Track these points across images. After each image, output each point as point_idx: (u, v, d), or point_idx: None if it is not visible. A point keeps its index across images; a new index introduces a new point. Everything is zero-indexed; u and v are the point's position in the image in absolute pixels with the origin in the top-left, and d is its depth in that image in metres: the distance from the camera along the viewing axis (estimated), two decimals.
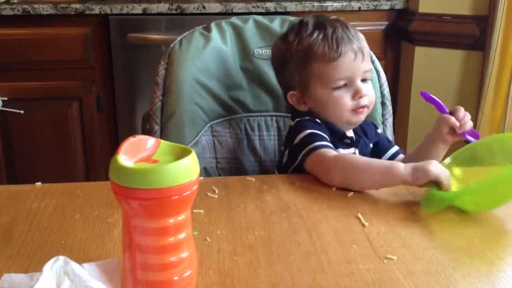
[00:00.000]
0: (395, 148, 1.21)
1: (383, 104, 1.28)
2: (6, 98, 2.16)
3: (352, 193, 0.93)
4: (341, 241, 0.78)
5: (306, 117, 1.12)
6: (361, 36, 1.15)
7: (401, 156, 1.19)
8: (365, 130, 1.20)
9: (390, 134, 1.28)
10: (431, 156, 1.07)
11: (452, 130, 1.09)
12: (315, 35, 1.11)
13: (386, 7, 2.28)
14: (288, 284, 0.68)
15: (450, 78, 2.18)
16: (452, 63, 2.16)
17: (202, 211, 0.86)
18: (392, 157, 1.19)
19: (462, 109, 1.08)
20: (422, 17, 2.18)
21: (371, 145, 1.19)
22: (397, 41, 2.35)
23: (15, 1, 2.28)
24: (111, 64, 2.20)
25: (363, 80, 1.11)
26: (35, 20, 2.12)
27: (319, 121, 1.12)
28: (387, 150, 1.20)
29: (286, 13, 2.17)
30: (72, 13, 2.10)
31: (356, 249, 0.76)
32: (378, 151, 1.19)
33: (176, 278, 0.63)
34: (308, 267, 0.72)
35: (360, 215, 0.85)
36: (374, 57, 1.29)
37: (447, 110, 1.10)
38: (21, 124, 2.20)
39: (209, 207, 0.88)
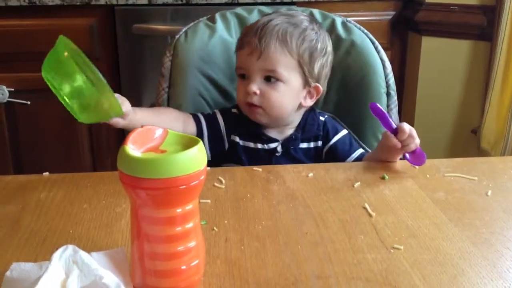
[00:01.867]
0: (359, 151, 1.17)
1: (388, 94, 1.27)
2: (12, 89, 2.16)
3: (359, 183, 0.93)
4: (348, 231, 0.78)
5: (236, 104, 1.18)
6: (294, 37, 1.09)
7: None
8: (304, 127, 1.17)
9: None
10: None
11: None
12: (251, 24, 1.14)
13: None
14: (295, 273, 0.68)
15: (457, 68, 2.17)
16: (459, 54, 2.15)
17: (209, 201, 0.86)
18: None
19: (406, 129, 1.00)
20: (429, 7, 2.17)
21: (311, 145, 1.16)
22: (404, 31, 2.34)
23: None
24: (117, 54, 2.20)
25: (267, 79, 1.09)
26: (41, 11, 2.12)
27: (236, 112, 1.16)
28: (348, 155, 1.16)
29: (293, 3, 2.16)
30: (78, 3, 2.10)
31: (363, 239, 0.76)
32: (336, 157, 1.15)
33: (183, 267, 0.63)
34: (315, 256, 0.72)
35: (367, 205, 0.85)
36: (379, 47, 1.29)
37: (394, 126, 1.02)
38: (28, 115, 2.21)
39: (216, 197, 0.88)
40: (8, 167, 2.27)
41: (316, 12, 1.33)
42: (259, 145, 1.14)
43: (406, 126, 1.01)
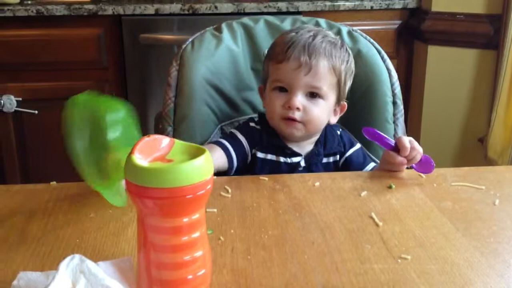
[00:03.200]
0: (371, 164, 1.17)
1: (394, 103, 1.27)
2: (20, 99, 2.18)
3: (365, 192, 0.93)
4: (355, 240, 0.78)
5: (250, 117, 1.20)
6: (337, 56, 1.10)
7: None
8: (326, 143, 1.16)
9: (401, 134, 1.28)
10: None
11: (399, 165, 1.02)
12: (284, 36, 1.13)
13: (399, 6, 2.27)
14: (302, 283, 0.68)
15: (463, 77, 2.17)
16: (466, 63, 2.15)
17: (215, 210, 0.86)
18: None
19: (407, 145, 0.99)
20: (435, 16, 2.17)
21: (330, 159, 1.16)
22: (410, 40, 2.34)
23: (29, 2, 2.30)
24: (124, 64, 2.21)
25: (311, 96, 1.09)
26: (49, 21, 2.14)
27: (255, 126, 1.16)
28: (362, 168, 1.16)
29: (298, 12, 2.17)
30: (85, 14, 2.12)
31: (370, 249, 0.76)
32: (350, 169, 1.15)
33: (190, 277, 0.63)
34: (321, 266, 0.71)
35: (373, 215, 0.85)
36: (385, 56, 1.29)
37: (393, 144, 1.02)
38: (35, 124, 2.22)
39: (223, 206, 0.88)
40: (15, 176, 2.28)
41: (323, 21, 1.33)
42: (282, 159, 1.13)
43: (405, 141, 1.00)
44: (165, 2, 2.24)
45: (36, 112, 2.19)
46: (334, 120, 1.16)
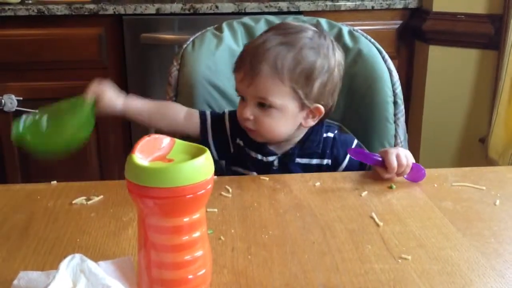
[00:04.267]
0: None
1: (395, 103, 1.27)
2: (21, 98, 2.18)
3: (366, 192, 0.93)
4: (356, 240, 0.78)
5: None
6: (287, 60, 1.01)
7: None
8: (304, 143, 1.12)
9: (402, 134, 1.28)
10: None
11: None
12: (249, 42, 1.12)
13: (400, 6, 2.27)
14: (302, 283, 0.68)
15: (464, 77, 2.16)
16: (467, 63, 2.15)
17: (216, 210, 0.86)
18: None
19: (393, 163, 0.97)
20: (436, 16, 2.17)
21: (313, 161, 1.12)
22: (411, 40, 2.34)
23: (30, 1, 2.30)
24: (125, 63, 2.21)
25: (263, 105, 1.04)
26: (50, 20, 2.14)
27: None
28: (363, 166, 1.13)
29: (299, 12, 2.17)
30: (86, 13, 2.12)
31: (370, 249, 0.76)
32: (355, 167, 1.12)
33: (190, 276, 0.63)
34: (322, 266, 0.71)
35: (374, 215, 0.85)
36: (386, 56, 1.29)
37: (379, 158, 0.99)
38: None
39: (223, 206, 0.88)
40: (16, 176, 2.28)
41: (323, 21, 1.33)
42: (259, 156, 1.12)
43: (391, 160, 0.97)
44: (166, 1, 2.24)
45: (37, 111, 2.19)
46: (310, 123, 1.09)
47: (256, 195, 0.92)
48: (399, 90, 1.28)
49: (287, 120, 1.06)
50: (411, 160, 1.00)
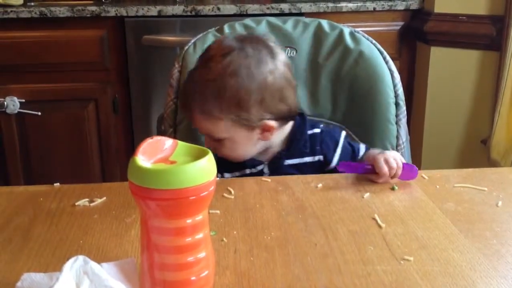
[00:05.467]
0: (362, 150, 1.15)
1: (396, 104, 1.27)
2: (23, 100, 2.18)
3: (368, 194, 0.93)
4: (358, 242, 0.78)
5: None
6: (213, 98, 0.99)
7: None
8: (293, 146, 1.11)
9: (404, 135, 1.28)
10: None
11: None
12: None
13: (401, 8, 2.27)
14: (305, 285, 0.68)
15: (466, 78, 2.17)
16: (468, 64, 2.15)
17: (218, 211, 0.87)
18: None
19: (384, 170, 0.96)
20: (437, 17, 2.17)
21: (306, 159, 1.11)
22: (413, 41, 2.34)
23: (32, 4, 2.30)
24: (127, 65, 2.22)
25: (217, 140, 1.04)
26: (52, 22, 2.14)
27: None
28: (355, 157, 1.14)
29: (301, 14, 2.17)
30: (88, 15, 2.12)
31: (373, 250, 0.76)
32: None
33: (193, 278, 0.63)
34: (324, 268, 0.72)
35: (376, 216, 0.85)
36: (388, 57, 1.29)
37: (369, 167, 0.99)
38: (38, 125, 2.23)
39: (226, 207, 0.88)
40: (18, 178, 2.29)
41: (325, 22, 1.33)
42: (247, 171, 1.11)
43: (382, 167, 0.96)
44: (168, 3, 2.25)
45: (39, 113, 2.19)
46: (269, 137, 1.07)
47: (258, 196, 0.92)
48: (400, 91, 1.28)
49: (243, 145, 1.06)
50: (400, 160, 0.99)
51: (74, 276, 0.61)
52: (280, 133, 1.11)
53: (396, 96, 1.27)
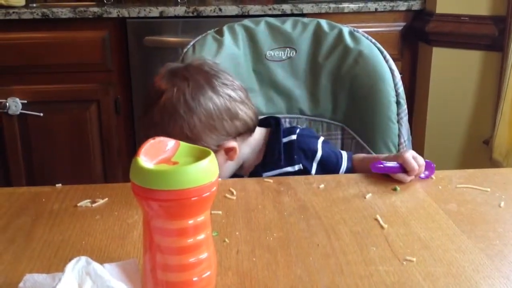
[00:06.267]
0: (344, 160, 1.13)
1: (398, 103, 1.27)
2: (25, 101, 2.18)
3: (370, 194, 0.93)
4: (360, 242, 0.78)
5: None
6: (171, 127, 0.97)
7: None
8: (268, 160, 1.10)
9: (405, 133, 1.28)
10: None
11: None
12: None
13: (403, 8, 2.27)
14: (307, 285, 0.68)
15: (468, 79, 2.16)
16: (470, 64, 2.14)
17: (220, 212, 0.86)
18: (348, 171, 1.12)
19: (415, 166, 0.97)
20: (439, 17, 2.17)
21: (288, 168, 1.10)
22: (414, 42, 2.34)
23: (34, 5, 2.31)
24: (129, 67, 2.22)
25: None
26: (54, 23, 2.15)
27: None
28: (337, 166, 1.12)
29: (303, 15, 2.17)
30: (90, 16, 2.13)
31: (375, 251, 0.75)
32: (329, 171, 1.11)
33: (195, 279, 0.63)
34: (326, 268, 0.72)
35: (378, 217, 0.85)
36: (388, 56, 1.29)
37: (398, 165, 0.98)
38: (40, 126, 2.23)
39: (228, 208, 0.88)
40: (21, 178, 2.29)
41: (324, 22, 1.33)
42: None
43: (412, 163, 0.96)
44: (169, 4, 2.25)
45: (41, 114, 2.20)
46: (235, 157, 1.05)
47: (260, 197, 0.92)
48: (401, 89, 1.28)
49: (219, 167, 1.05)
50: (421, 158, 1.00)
51: (77, 277, 0.61)
52: (248, 146, 1.09)
53: (397, 94, 1.27)
